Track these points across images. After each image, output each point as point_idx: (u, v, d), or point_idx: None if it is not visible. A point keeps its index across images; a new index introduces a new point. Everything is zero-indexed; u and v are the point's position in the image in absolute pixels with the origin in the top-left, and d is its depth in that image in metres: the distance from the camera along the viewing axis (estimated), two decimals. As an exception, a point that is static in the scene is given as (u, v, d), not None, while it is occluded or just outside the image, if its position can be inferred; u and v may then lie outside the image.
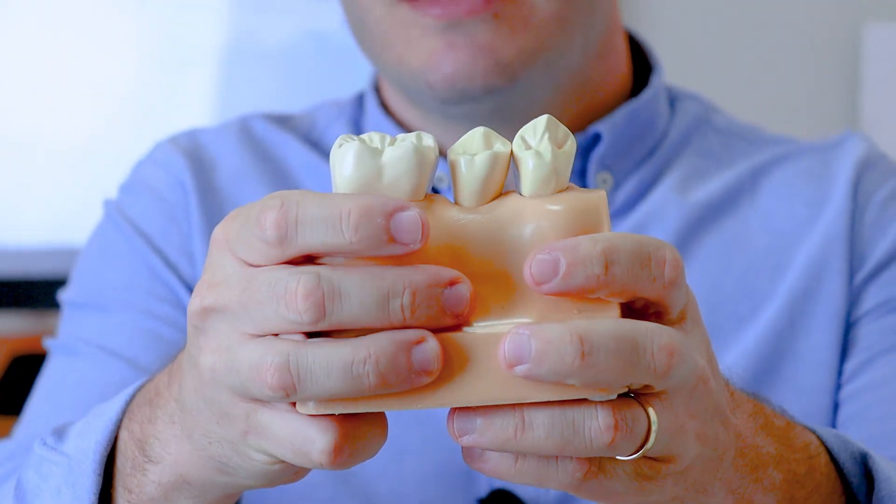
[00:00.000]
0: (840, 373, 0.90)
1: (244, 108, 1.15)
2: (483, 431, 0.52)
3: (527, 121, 0.90)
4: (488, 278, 0.53)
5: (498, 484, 0.87)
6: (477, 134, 0.54)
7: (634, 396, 0.53)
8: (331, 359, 0.51)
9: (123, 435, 0.66)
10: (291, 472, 0.58)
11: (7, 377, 1.95)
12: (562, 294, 0.52)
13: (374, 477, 0.87)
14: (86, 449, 0.67)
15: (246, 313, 0.52)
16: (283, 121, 1.02)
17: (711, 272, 0.91)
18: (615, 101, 0.96)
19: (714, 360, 0.58)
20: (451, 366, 0.52)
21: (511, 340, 0.51)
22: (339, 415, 0.53)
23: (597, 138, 0.93)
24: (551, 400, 0.52)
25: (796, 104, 2.04)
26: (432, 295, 0.51)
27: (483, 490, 0.87)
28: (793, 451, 0.66)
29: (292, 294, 0.50)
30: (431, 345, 0.51)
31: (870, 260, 0.91)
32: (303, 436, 0.53)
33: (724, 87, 1.74)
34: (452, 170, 0.54)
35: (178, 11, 2.07)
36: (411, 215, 0.51)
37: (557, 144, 0.54)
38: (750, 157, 0.96)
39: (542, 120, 0.54)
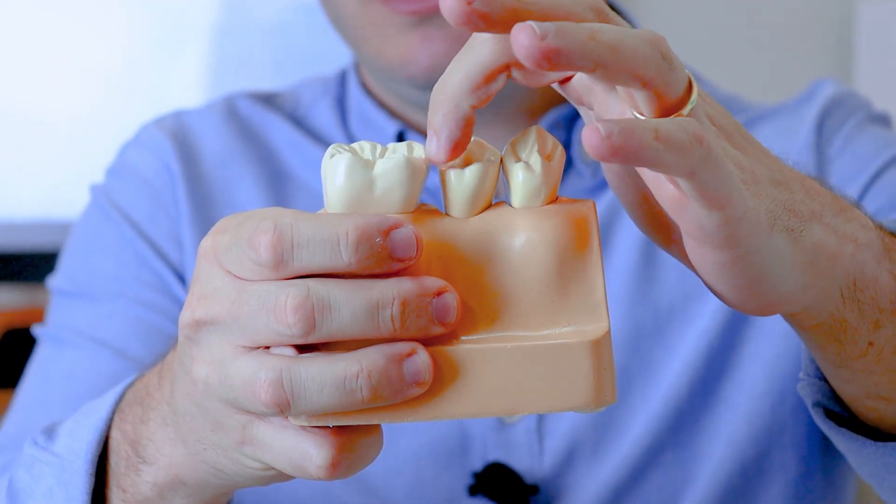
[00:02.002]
0: None
1: (236, 85, 1.16)
2: (562, 33, 0.47)
3: (508, 103, 0.92)
4: (478, 290, 0.54)
5: (492, 457, 0.89)
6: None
7: None
8: (324, 374, 0.52)
9: (115, 434, 0.67)
10: (287, 476, 0.58)
11: (0, 350, 1.97)
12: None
13: None
14: (77, 449, 0.67)
15: (237, 326, 0.52)
16: (267, 99, 1.03)
17: None
18: None
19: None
20: (442, 378, 0.53)
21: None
22: (333, 427, 0.54)
23: None
24: (541, 412, 0.53)
25: (789, 83, 2.04)
26: (421, 305, 0.52)
27: (478, 464, 0.89)
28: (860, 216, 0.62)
29: (282, 307, 0.51)
30: (422, 357, 0.52)
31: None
32: (300, 451, 0.54)
33: (717, 66, 1.74)
34: (442, 181, 0.55)
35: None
36: (406, 232, 0.51)
37: (546, 156, 0.55)
38: None
39: (532, 131, 0.55)
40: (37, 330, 0.96)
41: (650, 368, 0.91)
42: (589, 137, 0.46)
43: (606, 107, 0.53)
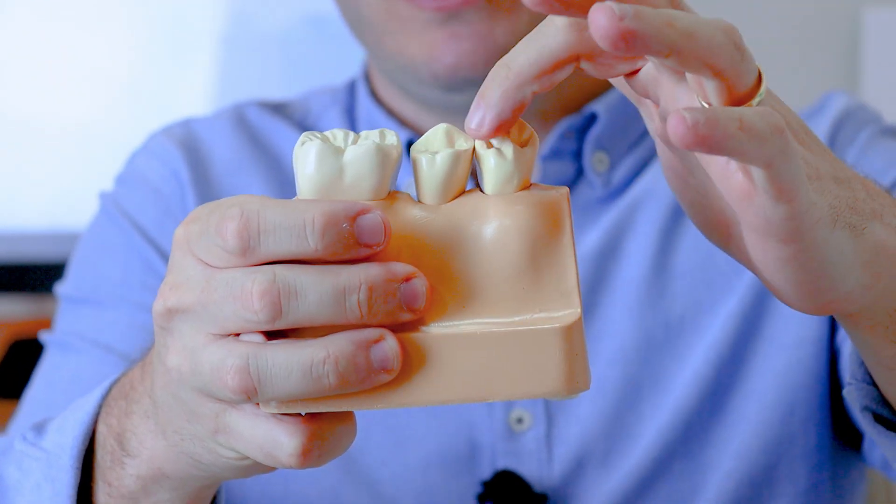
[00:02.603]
0: (832, 327, 0.91)
1: (242, 94, 1.16)
2: (640, 17, 0.47)
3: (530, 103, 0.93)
4: (448, 278, 0.54)
5: (501, 465, 0.88)
6: (439, 131, 0.55)
7: None
8: (290, 360, 0.52)
9: (102, 429, 0.67)
10: (266, 466, 0.59)
11: (7, 361, 1.94)
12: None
13: (376, 464, 0.89)
14: (63, 444, 0.68)
15: (206, 313, 0.53)
16: (277, 108, 1.03)
17: (704, 248, 0.92)
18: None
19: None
20: (411, 365, 0.53)
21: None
22: (305, 415, 0.54)
23: (593, 118, 0.94)
24: (512, 398, 0.53)
25: (796, 91, 2.03)
26: (388, 290, 0.52)
27: (487, 472, 0.89)
28: None
29: (248, 293, 0.51)
30: (390, 343, 0.52)
31: None
32: (271, 439, 0.54)
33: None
34: (414, 167, 0.55)
35: (177, -5, 2.08)
36: (373, 217, 0.52)
37: (520, 143, 0.55)
38: None
39: None
40: (43, 336, 0.96)
41: (660, 378, 0.91)
42: (675, 126, 0.46)
43: (673, 98, 0.53)
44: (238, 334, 0.53)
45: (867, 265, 0.55)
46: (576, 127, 0.94)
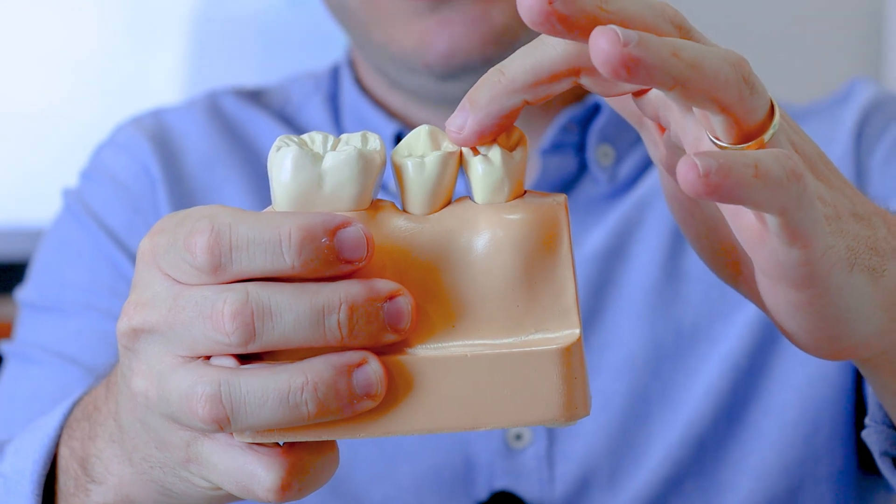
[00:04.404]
0: None
1: (217, 80, 1.15)
2: (646, 45, 0.46)
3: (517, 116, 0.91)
4: (436, 295, 0.53)
5: (499, 485, 0.88)
6: (421, 133, 0.53)
7: None
8: (266, 387, 0.50)
9: (64, 452, 0.65)
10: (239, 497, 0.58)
11: None
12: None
13: (366, 483, 0.88)
14: (22, 469, 0.66)
15: (174, 334, 0.52)
16: (254, 96, 1.02)
17: None
18: None
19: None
20: (397, 390, 0.52)
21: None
22: (284, 445, 0.53)
23: (596, 109, 0.94)
24: (506, 426, 0.52)
25: (819, 70, 2.04)
26: (371, 310, 0.51)
27: (482, 493, 0.88)
28: None
29: (219, 314, 0.50)
30: (374, 367, 0.51)
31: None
32: (247, 472, 0.53)
33: (749, 51, 1.74)
34: (398, 175, 0.53)
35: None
36: (355, 231, 0.50)
37: (508, 147, 0.53)
38: None
39: None
40: (3, 347, 0.95)
41: (671, 391, 0.90)
42: (685, 174, 0.45)
43: (684, 127, 0.52)
44: (209, 357, 0.52)
45: (887, 309, 0.54)
46: (578, 118, 0.94)
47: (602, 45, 0.45)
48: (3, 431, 0.87)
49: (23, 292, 0.97)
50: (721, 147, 0.50)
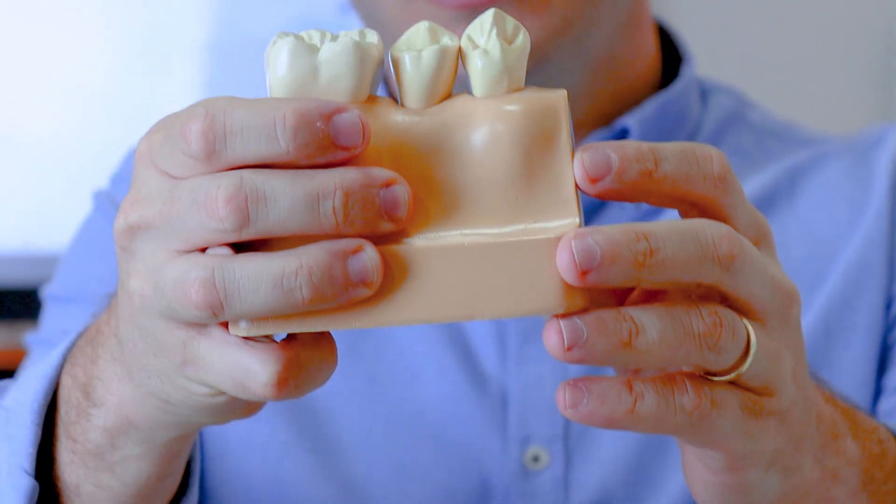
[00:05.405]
0: (878, 388, 0.89)
1: None
2: (593, 343, 0.51)
3: None
4: (434, 186, 0.52)
5: (513, 503, 0.87)
6: (421, 28, 0.54)
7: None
8: (259, 271, 0.50)
9: (66, 381, 0.65)
10: (242, 407, 0.57)
11: None
12: (610, 194, 0.52)
13: (377, 498, 0.87)
14: (23, 400, 0.66)
15: (169, 227, 0.52)
16: None
17: None
18: (643, 88, 0.95)
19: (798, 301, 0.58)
20: (392, 280, 0.51)
21: (579, 245, 0.50)
22: (281, 341, 0.53)
23: (624, 133, 0.93)
24: (502, 316, 0.52)
25: (829, 103, 2.04)
26: (367, 196, 0.50)
27: None
28: (863, 429, 0.66)
29: (213, 199, 0.50)
30: (370, 254, 0.51)
31: None
32: (243, 367, 0.52)
33: (757, 86, 1.74)
34: (396, 68, 0.53)
35: (159, 2, 2.07)
36: (350, 116, 0.50)
37: (507, 40, 0.53)
38: (786, 157, 0.95)
39: (489, 14, 0.54)
40: (27, 338, 0.95)
41: None
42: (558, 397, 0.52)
43: None
44: (204, 250, 0.52)
45: (782, 500, 0.59)
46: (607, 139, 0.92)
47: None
48: None
49: (48, 288, 0.97)
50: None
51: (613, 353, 0.50)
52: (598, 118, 0.93)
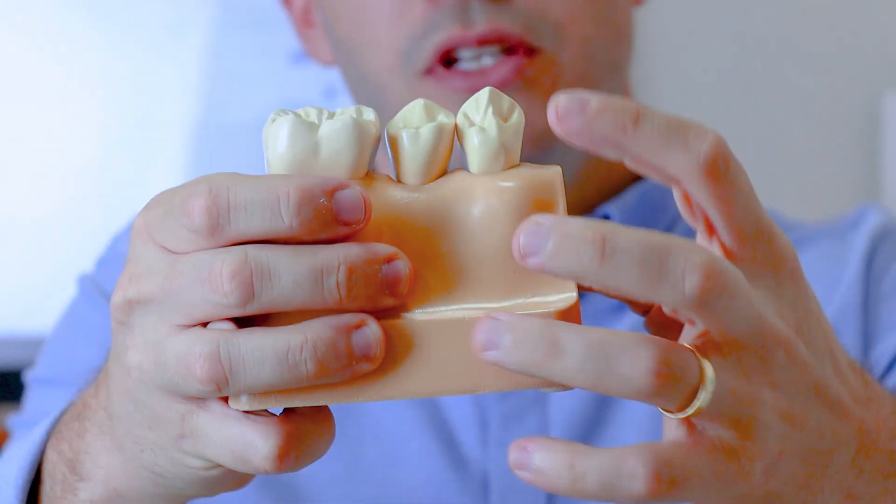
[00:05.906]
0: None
1: None
2: (511, 349, 0.50)
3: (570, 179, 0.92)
4: (433, 261, 0.53)
5: None
6: (417, 106, 0.55)
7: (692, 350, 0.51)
8: (264, 346, 0.51)
9: (52, 456, 0.65)
10: (233, 479, 0.58)
11: None
12: (581, 139, 0.51)
13: None
14: (8, 476, 0.66)
15: (171, 301, 0.52)
16: None
17: None
18: (624, 176, 0.96)
19: (826, 333, 0.55)
20: (395, 354, 0.52)
21: (527, 230, 0.49)
22: (280, 415, 0.53)
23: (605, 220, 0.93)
24: (503, 389, 0.52)
25: (815, 175, 2.05)
26: (369, 272, 0.51)
27: None
28: None
29: (217, 274, 0.50)
30: (372, 328, 0.51)
31: (891, 333, 0.91)
32: (244, 441, 0.53)
33: (743, 159, 1.75)
34: (393, 145, 0.54)
35: (147, 83, 2.07)
36: (352, 192, 0.51)
37: (503, 117, 0.54)
38: None
39: (485, 92, 0.55)
40: (10, 421, 0.95)
41: None
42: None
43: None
44: (206, 325, 0.52)
45: None
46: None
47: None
48: None
49: (31, 372, 0.97)
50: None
51: (532, 365, 0.49)
52: (583, 205, 0.94)
